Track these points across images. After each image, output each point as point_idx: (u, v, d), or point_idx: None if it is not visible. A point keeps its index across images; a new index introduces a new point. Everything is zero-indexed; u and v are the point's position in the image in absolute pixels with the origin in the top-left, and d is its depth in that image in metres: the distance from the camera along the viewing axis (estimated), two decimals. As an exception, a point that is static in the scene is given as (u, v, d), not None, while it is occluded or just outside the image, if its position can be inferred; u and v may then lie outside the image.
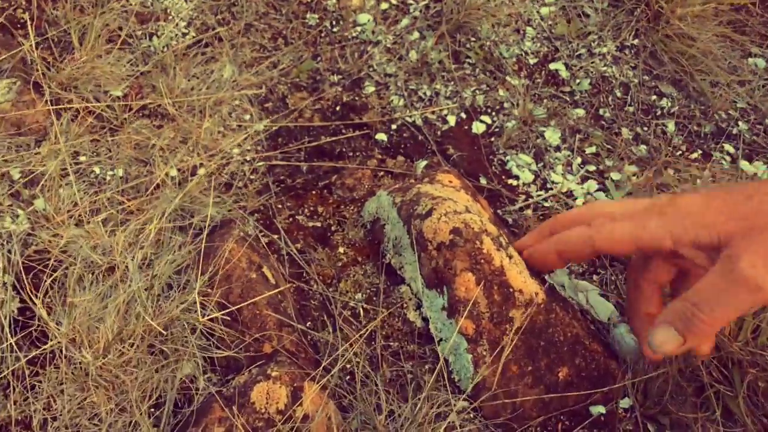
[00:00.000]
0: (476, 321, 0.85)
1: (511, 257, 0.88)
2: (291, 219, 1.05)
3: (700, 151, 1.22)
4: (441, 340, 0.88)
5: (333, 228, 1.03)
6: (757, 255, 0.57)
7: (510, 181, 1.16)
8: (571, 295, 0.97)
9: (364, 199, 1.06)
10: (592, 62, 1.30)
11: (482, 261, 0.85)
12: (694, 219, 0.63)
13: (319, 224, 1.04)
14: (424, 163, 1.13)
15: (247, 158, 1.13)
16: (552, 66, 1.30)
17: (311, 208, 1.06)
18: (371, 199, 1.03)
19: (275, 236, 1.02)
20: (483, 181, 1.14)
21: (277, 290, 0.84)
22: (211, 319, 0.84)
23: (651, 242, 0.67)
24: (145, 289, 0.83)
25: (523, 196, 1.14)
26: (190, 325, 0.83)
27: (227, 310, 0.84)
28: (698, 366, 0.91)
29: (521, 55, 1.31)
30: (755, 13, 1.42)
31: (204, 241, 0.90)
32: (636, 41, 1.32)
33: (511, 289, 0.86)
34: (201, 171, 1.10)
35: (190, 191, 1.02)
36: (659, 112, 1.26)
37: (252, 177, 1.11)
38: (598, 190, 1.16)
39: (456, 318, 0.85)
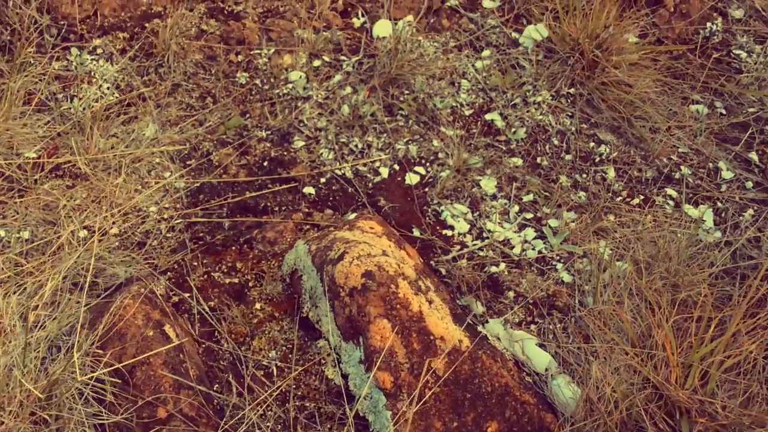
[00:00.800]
0: (394, 373, 0.77)
1: (431, 302, 0.81)
2: (206, 276, 0.98)
3: (641, 197, 1.17)
4: (361, 397, 0.81)
5: (251, 284, 0.97)
6: None
7: (445, 232, 1.10)
8: (506, 346, 0.90)
9: (286, 253, 0.99)
10: (527, 111, 1.27)
11: (398, 306, 0.79)
12: None
13: (236, 281, 0.98)
14: (353, 216, 1.08)
15: (165, 216, 1.07)
16: (487, 116, 1.27)
17: (229, 265, 1.00)
18: (291, 251, 0.96)
19: (186, 295, 0.94)
20: (416, 232, 1.09)
21: (170, 345, 0.77)
22: (101, 382, 0.75)
23: None
24: (28, 351, 0.75)
25: (458, 246, 1.08)
26: (77, 389, 0.75)
27: (112, 369, 0.76)
28: (642, 417, 0.84)
29: (456, 106, 1.28)
30: (694, 60, 1.41)
31: (102, 301, 0.83)
32: (572, 90, 1.30)
33: (431, 337, 0.79)
34: (113, 230, 1.03)
35: (98, 250, 0.96)
36: (598, 159, 1.22)
37: (168, 235, 1.04)
38: (536, 238, 1.10)
39: (373, 371, 0.78)
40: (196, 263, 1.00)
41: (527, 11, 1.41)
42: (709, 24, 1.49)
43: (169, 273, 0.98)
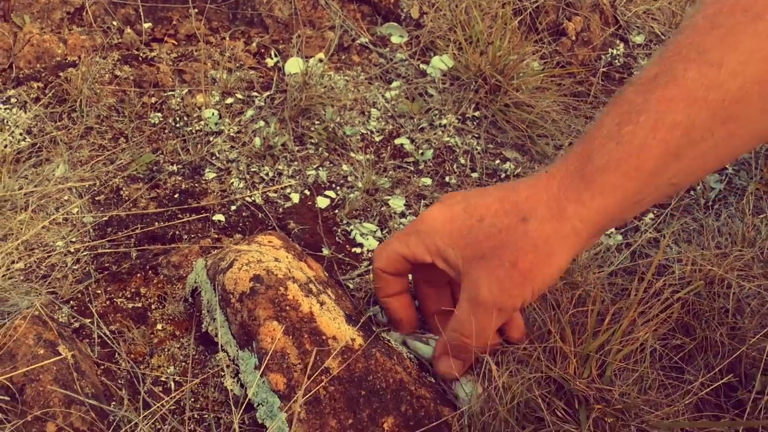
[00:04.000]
0: (287, 374, 0.78)
1: (323, 303, 0.83)
2: (109, 302, 0.98)
3: (546, 207, 1.21)
4: (257, 403, 0.80)
5: (153, 306, 0.97)
6: (491, 280, 0.64)
7: (354, 250, 1.12)
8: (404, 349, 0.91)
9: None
10: (434, 134, 1.31)
11: (288, 308, 0.80)
12: (442, 238, 0.68)
13: (139, 305, 0.97)
14: (261, 238, 1.09)
15: (72, 249, 1.07)
16: (397, 141, 1.30)
17: (133, 291, 1.00)
18: (193, 270, 0.97)
19: (87, 320, 0.94)
20: (325, 251, 1.10)
21: (57, 358, 0.76)
22: (-12, 404, 0.74)
23: (414, 257, 0.70)
24: None
25: (366, 262, 1.10)
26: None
27: None
28: (540, 407, 0.85)
29: (366, 133, 1.32)
30: (596, 83, 1.48)
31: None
32: (477, 113, 1.35)
33: (324, 337, 0.80)
34: (18, 265, 1.03)
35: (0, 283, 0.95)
36: (503, 175, 1.26)
37: (74, 267, 1.04)
38: (443, 250, 1.13)
39: (266, 374, 0.78)
40: (99, 291, 1.00)
41: (433, 44, 1.47)
42: (611, 50, 1.57)
43: (72, 302, 0.98)
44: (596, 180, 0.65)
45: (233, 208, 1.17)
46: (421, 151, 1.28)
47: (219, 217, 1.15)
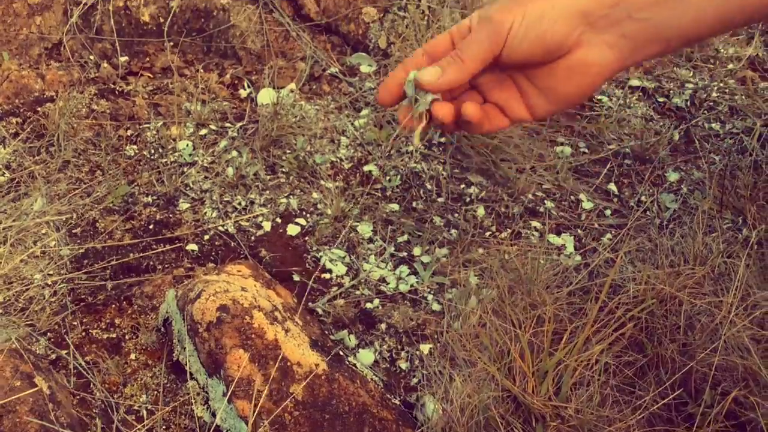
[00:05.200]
0: (253, 401, 0.81)
1: (288, 330, 0.87)
2: (84, 334, 1.01)
3: (509, 230, 1.26)
4: (227, 430, 0.84)
5: (127, 336, 1.00)
6: (496, 4, 0.66)
7: (323, 275, 1.16)
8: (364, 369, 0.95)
9: (164, 305, 1.04)
10: (401, 160, 1.36)
11: (253, 336, 0.84)
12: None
13: (114, 335, 1.01)
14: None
15: (49, 282, 1.10)
16: (365, 168, 1.35)
17: (108, 322, 1.03)
18: (165, 301, 1.01)
19: (64, 352, 0.97)
20: (296, 277, 1.14)
21: (33, 390, 0.80)
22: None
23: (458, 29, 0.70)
24: None
25: (336, 288, 1.14)
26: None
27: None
28: (498, 425, 0.89)
29: (336, 161, 1.36)
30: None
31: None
32: (443, 139, 1.40)
33: (288, 363, 0.84)
34: (-3, 298, 1.06)
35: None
36: (468, 199, 1.31)
37: (51, 299, 1.08)
38: (409, 274, 1.17)
39: (233, 401, 0.82)
40: (76, 323, 1.03)
41: (400, 72, 1.52)
42: (573, 74, 1.62)
43: (49, 333, 1.01)
44: None
45: (206, 237, 1.21)
46: (388, 178, 1.33)
47: (192, 246, 1.18)
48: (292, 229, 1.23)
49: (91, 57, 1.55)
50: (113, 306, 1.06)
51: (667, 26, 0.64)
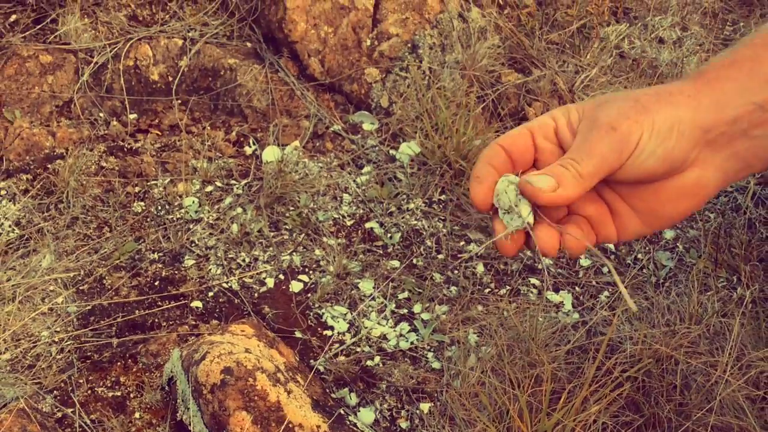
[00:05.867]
0: (255, 462, 0.83)
1: (290, 392, 0.88)
2: (90, 391, 1.03)
3: (508, 287, 1.28)
4: (228, 490, 0.85)
5: (132, 395, 1.02)
6: (610, 107, 0.59)
7: (325, 332, 1.18)
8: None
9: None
10: (402, 218, 1.39)
11: (256, 398, 0.85)
12: (560, 109, 0.63)
13: (119, 393, 1.03)
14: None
15: (56, 339, 1.13)
16: (367, 225, 1.38)
17: (113, 379, 1.05)
18: (170, 360, 1.03)
19: (69, 410, 0.99)
20: (298, 334, 1.17)
21: (38, 453, 0.81)
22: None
23: (538, 124, 0.64)
24: None
25: (337, 344, 1.16)
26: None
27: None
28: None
29: (338, 218, 1.39)
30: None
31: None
32: (443, 196, 1.43)
33: (290, 425, 0.85)
34: (5, 356, 1.08)
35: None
36: (467, 256, 1.33)
37: (58, 356, 1.10)
38: (409, 331, 1.19)
39: (236, 462, 0.83)
40: (81, 380, 1.05)
41: (401, 130, 1.57)
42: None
43: (55, 391, 1.03)
44: (711, 72, 0.63)
45: (210, 294, 1.23)
46: (389, 235, 1.36)
47: (197, 303, 1.21)
48: (295, 286, 1.26)
49: (101, 115, 1.60)
50: (119, 363, 1.08)
51: None
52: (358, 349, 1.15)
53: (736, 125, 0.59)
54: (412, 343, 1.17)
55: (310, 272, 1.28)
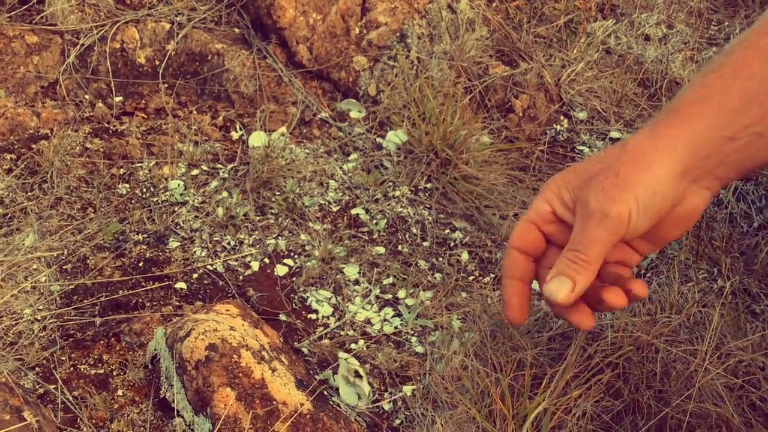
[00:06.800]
0: (239, 438, 0.83)
1: (274, 370, 0.89)
2: (73, 369, 1.03)
3: (492, 275, 1.29)
4: (211, 467, 0.85)
5: (115, 372, 1.02)
6: (597, 190, 0.68)
7: (309, 316, 1.18)
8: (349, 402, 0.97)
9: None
10: (388, 205, 1.39)
11: (240, 375, 0.85)
12: (556, 182, 0.73)
13: (102, 371, 1.02)
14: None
15: (38, 317, 1.12)
16: (353, 211, 1.38)
17: (96, 357, 1.05)
18: (153, 338, 1.02)
19: (52, 386, 0.99)
20: (282, 317, 1.17)
21: (21, 424, 0.81)
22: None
23: (537, 213, 0.73)
24: None
25: (321, 328, 1.16)
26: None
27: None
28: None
29: (324, 204, 1.39)
30: (542, 157, 1.58)
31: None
32: (429, 185, 1.44)
33: (274, 402, 0.86)
34: (-15, 333, 1.08)
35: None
36: (453, 244, 1.34)
37: (41, 334, 1.09)
38: (394, 316, 1.20)
39: (219, 438, 0.83)
40: (64, 358, 1.04)
41: (389, 119, 1.57)
42: (555, 125, 1.68)
43: (37, 368, 1.03)
44: (683, 109, 0.71)
45: (195, 276, 1.23)
46: (375, 221, 1.36)
47: (181, 285, 1.20)
48: (280, 270, 1.26)
49: (87, 96, 1.59)
50: (102, 342, 1.07)
51: (761, 161, 0.69)
52: (342, 333, 1.15)
53: (711, 159, 0.68)
54: (396, 327, 1.17)
55: (296, 256, 1.29)
